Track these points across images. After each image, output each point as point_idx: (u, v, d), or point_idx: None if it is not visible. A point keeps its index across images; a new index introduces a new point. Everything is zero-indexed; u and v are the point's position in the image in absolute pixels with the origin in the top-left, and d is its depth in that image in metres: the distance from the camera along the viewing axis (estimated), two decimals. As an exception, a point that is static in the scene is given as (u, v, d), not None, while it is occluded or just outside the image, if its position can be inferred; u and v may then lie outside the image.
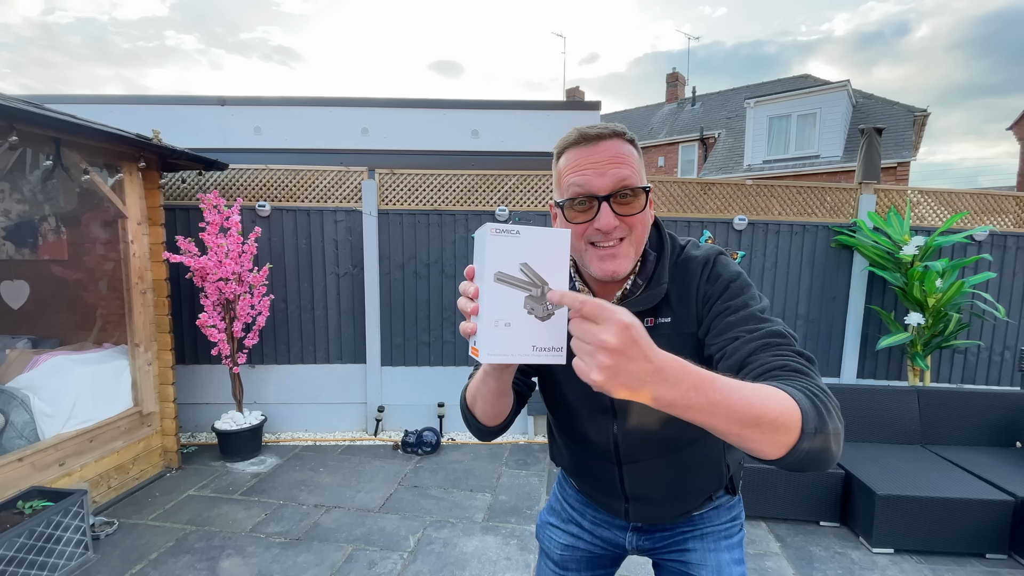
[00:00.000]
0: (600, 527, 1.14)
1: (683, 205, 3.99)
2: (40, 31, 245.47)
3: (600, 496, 1.08)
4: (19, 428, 2.63)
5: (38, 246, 3.63)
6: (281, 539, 2.67)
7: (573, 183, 0.83)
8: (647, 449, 0.96)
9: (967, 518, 2.53)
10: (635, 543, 1.11)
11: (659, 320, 0.88)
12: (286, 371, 4.06)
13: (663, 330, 0.87)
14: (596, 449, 1.00)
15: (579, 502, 1.16)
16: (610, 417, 0.95)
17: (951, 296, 3.54)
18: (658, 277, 0.88)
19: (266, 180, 3.91)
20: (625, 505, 1.04)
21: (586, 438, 1.00)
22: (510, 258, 0.63)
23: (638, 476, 0.99)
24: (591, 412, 0.97)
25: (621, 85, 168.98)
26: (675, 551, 1.08)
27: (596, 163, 0.82)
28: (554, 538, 1.18)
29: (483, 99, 5.31)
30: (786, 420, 0.60)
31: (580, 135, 0.84)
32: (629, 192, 0.82)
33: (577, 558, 1.16)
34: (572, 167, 0.84)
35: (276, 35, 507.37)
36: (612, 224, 0.81)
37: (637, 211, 0.83)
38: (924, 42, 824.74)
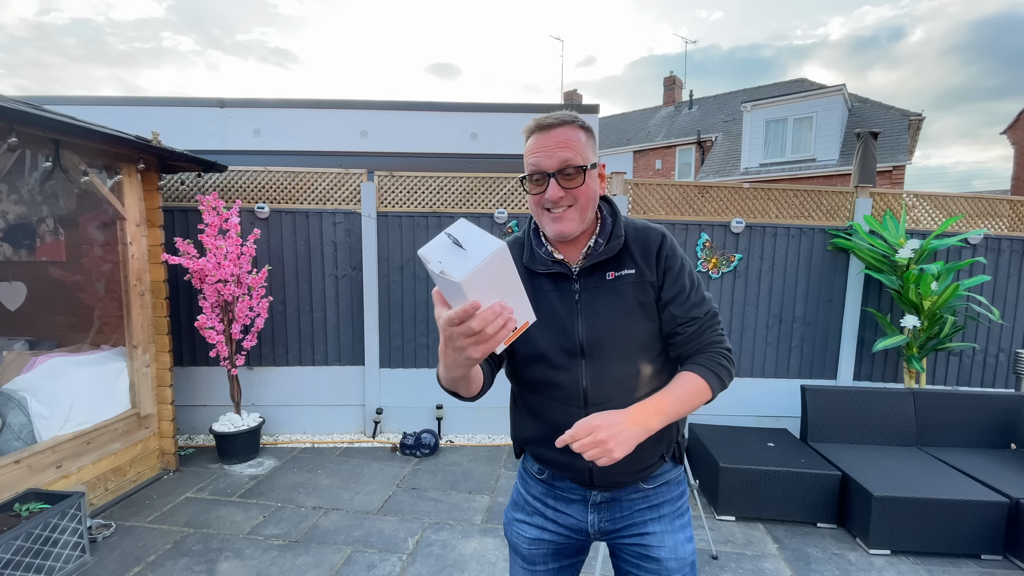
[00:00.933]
0: (563, 515, 1.18)
1: (680, 208, 4.01)
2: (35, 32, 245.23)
3: (566, 458, 1.09)
4: (16, 430, 2.62)
5: (36, 247, 3.62)
6: (279, 541, 2.66)
7: (530, 163, 1.04)
8: (611, 390, 1.07)
9: (963, 519, 2.55)
10: (597, 524, 1.17)
11: (622, 272, 1.08)
12: (284, 373, 4.06)
13: (628, 279, 1.08)
14: (565, 395, 1.09)
15: (541, 493, 1.21)
16: (579, 360, 1.08)
17: (946, 299, 3.57)
18: (616, 232, 1.09)
19: (265, 182, 3.92)
20: (589, 465, 1.09)
21: (557, 385, 1.09)
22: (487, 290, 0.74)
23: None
24: (563, 358, 1.08)
25: (618, 88, 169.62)
26: (635, 534, 1.16)
27: (546, 147, 1.02)
28: (521, 533, 1.22)
29: (482, 102, 5.33)
30: (705, 396, 1.06)
31: (537, 124, 1.04)
32: (572, 170, 1.01)
33: (544, 552, 1.21)
34: (530, 150, 1.04)
35: (273, 37, 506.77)
36: (558, 195, 1.01)
37: (579, 184, 1.02)
38: (919, 46, 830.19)
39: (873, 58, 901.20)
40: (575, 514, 1.17)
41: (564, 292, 1.09)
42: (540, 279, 1.10)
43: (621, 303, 1.07)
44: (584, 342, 1.07)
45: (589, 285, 1.08)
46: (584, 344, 1.07)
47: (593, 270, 1.08)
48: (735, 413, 4.09)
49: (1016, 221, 4.03)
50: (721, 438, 3.28)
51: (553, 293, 1.09)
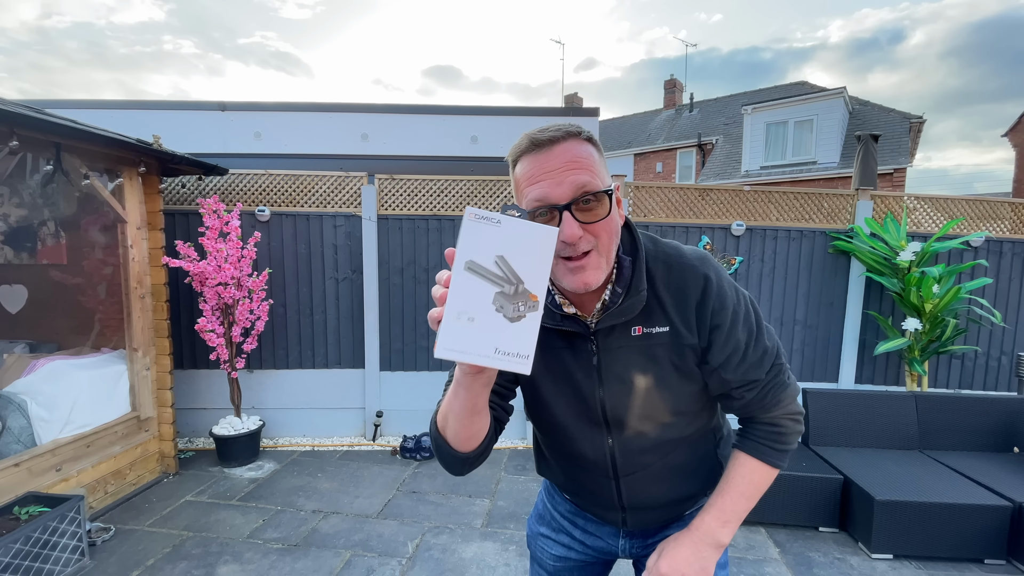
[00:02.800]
0: (592, 536, 1.11)
1: (681, 211, 4.00)
2: (37, 35, 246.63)
3: (596, 509, 1.05)
4: (16, 433, 2.61)
5: (37, 250, 3.63)
6: (279, 545, 2.65)
7: (531, 197, 0.77)
8: (644, 459, 0.93)
9: (965, 523, 2.53)
10: (629, 550, 1.09)
11: (653, 329, 0.84)
12: (284, 376, 4.06)
13: (659, 339, 0.85)
14: (591, 465, 0.96)
15: (569, 512, 1.13)
16: (604, 432, 0.91)
17: (948, 302, 3.56)
18: (636, 284, 0.83)
19: (266, 185, 3.92)
20: (623, 515, 1.02)
21: (580, 455, 0.96)
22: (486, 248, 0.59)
23: (636, 487, 0.97)
24: (584, 429, 0.92)
25: (617, 91, 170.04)
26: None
27: (552, 171, 0.75)
28: (546, 549, 1.15)
29: (482, 105, 5.35)
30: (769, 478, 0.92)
31: (531, 141, 0.78)
32: (591, 197, 0.75)
33: (570, 567, 1.15)
34: (528, 177, 0.78)
35: (274, 41, 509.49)
36: (576, 235, 0.75)
37: (601, 217, 0.76)
38: (919, 49, 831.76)
39: (873, 61, 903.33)
40: (605, 537, 1.10)
41: (579, 352, 0.87)
42: (551, 335, 0.87)
43: (652, 367, 0.86)
44: (608, 412, 0.89)
45: (610, 345, 0.86)
46: (608, 415, 0.89)
47: (614, 326, 0.85)
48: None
49: (1018, 224, 4.02)
50: (722, 441, 3.26)
51: (567, 351, 0.88)
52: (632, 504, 0.99)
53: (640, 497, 0.98)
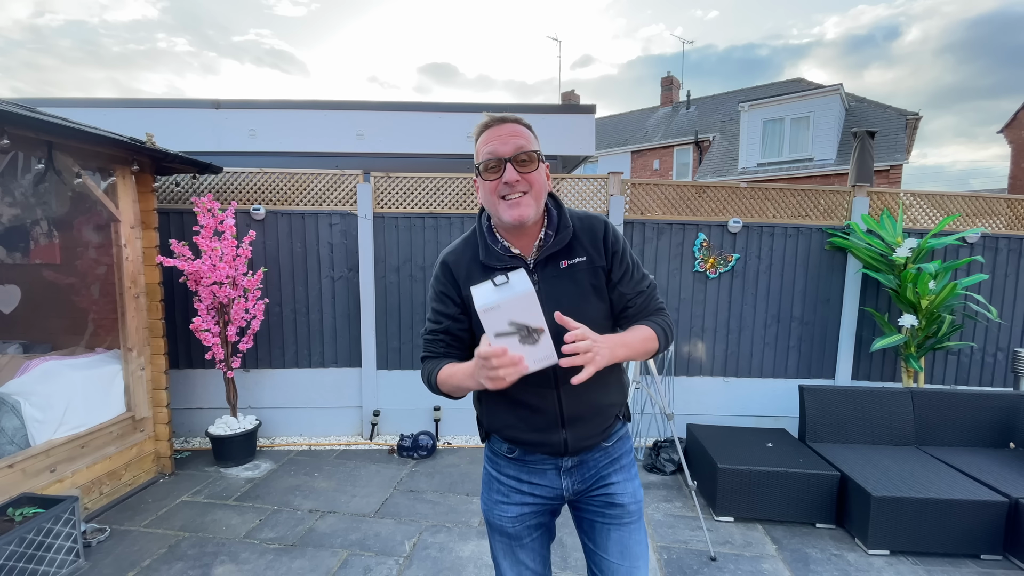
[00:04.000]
0: (539, 486, 1.28)
1: (678, 208, 4.00)
2: (30, 34, 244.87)
3: (540, 435, 1.22)
4: (10, 434, 2.60)
5: (30, 250, 3.60)
6: (275, 545, 2.65)
7: (485, 151, 1.13)
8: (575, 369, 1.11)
9: (962, 519, 2.54)
10: (571, 488, 1.28)
11: (574, 260, 1.18)
12: (281, 375, 4.04)
13: (580, 267, 1.19)
14: (537, 378, 1.11)
15: (514, 471, 1.29)
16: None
17: (944, 298, 3.57)
18: (564, 223, 1.20)
19: (261, 183, 3.90)
20: (563, 434, 1.21)
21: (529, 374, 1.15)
22: (500, 322, 0.95)
23: (572, 395, 1.18)
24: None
25: (614, 88, 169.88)
26: (602, 486, 1.28)
27: (500, 136, 1.12)
28: (503, 514, 1.30)
29: (478, 103, 5.32)
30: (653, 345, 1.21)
31: (491, 119, 1.15)
32: (525, 156, 1.11)
33: (527, 525, 1.31)
34: (484, 141, 1.14)
35: (268, 38, 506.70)
36: (515, 178, 1.10)
37: (532, 170, 1.13)
38: (914, 45, 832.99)
39: (869, 57, 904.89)
40: (549, 483, 1.27)
41: None
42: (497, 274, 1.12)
43: (577, 289, 1.19)
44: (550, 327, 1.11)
45: (547, 275, 1.18)
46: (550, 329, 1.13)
47: (548, 261, 1.18)
48: (733, 413, 4.09)
49: (1013, 220, 4.03)
50: (719, 439, 3.27)
51: None
52: (570, 415, 1.20)
53: (575, 407, 1.20)
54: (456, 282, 1.22)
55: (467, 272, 1.21)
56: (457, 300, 1.23)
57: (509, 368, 0.95)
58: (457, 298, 1.23)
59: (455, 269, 1.23)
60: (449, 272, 1.23)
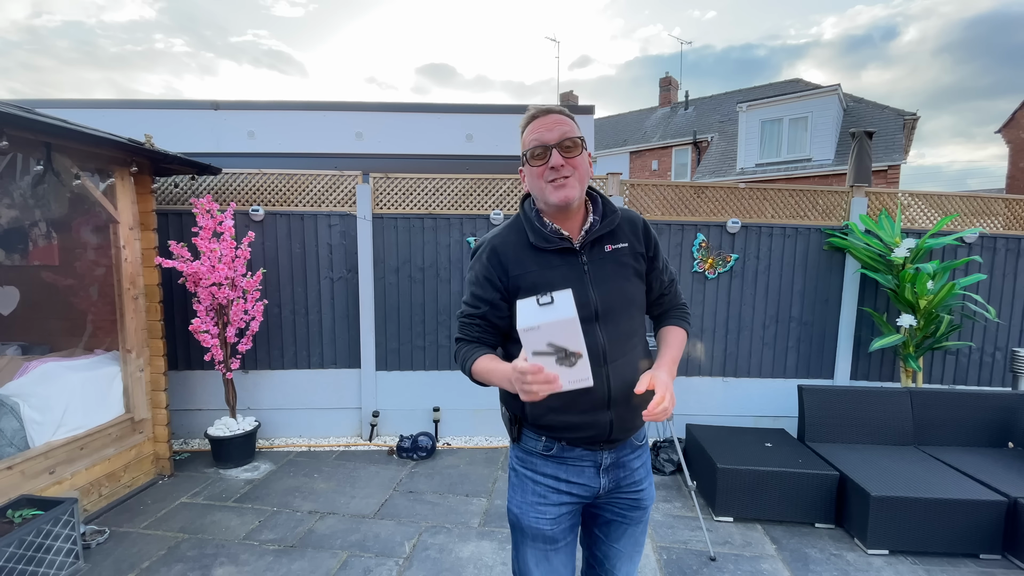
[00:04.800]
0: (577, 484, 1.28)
1: (677, 209, 4.00)
2: (27, 35, 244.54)
3: (588, 416, 1.22)
4: (8, 436, 2.59)
5: (28, 251, 3.59)
6: (275, 546, 2.64)
7: (532, 139, 1.19)
8: (622, 347, 1.23)
9: (961, 519, 2.54)
10: (608, 485, 1.29)
11: (618, 245, 1.26)
12: (280, 376, 4.04)
13: (622, 251, 1.26)
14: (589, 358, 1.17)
15: (552, 470, 1.28)
16: (596, 325, 1.20)
17: (942, 298, 3.57)
18: (611, 209, 1.28)
19: (260, 184, 3.90)
20: (610, 414, 1.22)
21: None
22: (540, 342, 0.97)
23: (619, 374, 1.22)
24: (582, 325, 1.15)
25: (612, 88, 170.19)
26: (633, 486, 1.32)
27: (546, 124, 1.18)
28: (543, 516, 1.27)
29: (477, 103, 5.33)
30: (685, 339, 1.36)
31: (537, 110, 1.22)
32: (570, 141, 1.17)
33: (565, 526, 1.30)
34: (531, 130, 1.20)
35: (266, 39, 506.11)
36: (560, 162, 1.16)
37: (577, 155, 1.19)
38: (912, 46, 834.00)
39: (867, 58, 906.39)
40: (588, 481, 1.27)
41: (572, 265, 1.23)
42: (548, 256, 1.23)
43: (622, 271, 1.25)
44: (599, 306, 1.21)
45: (593, 257, 1.24)
46: (599, 308, 1.21)
47: (593, 244, 1.24)
48: (732, 414, 4.09)
49: (1011, 219, 4.04)
50: (718, 439, 3.27)
51: (563, 267, 1.22)
52: (616, 395, 1.22)
53: (620, 384, 1.22)
54: (503, 266, 1.23)
55: (515, 255, 1.23)
56: (500, 286, 1.23)
57: (543, 385, 0.98)
58: (500, 284, 1.23)
59: (503, 253, 1.24)
60: (496, 256, 1.24)
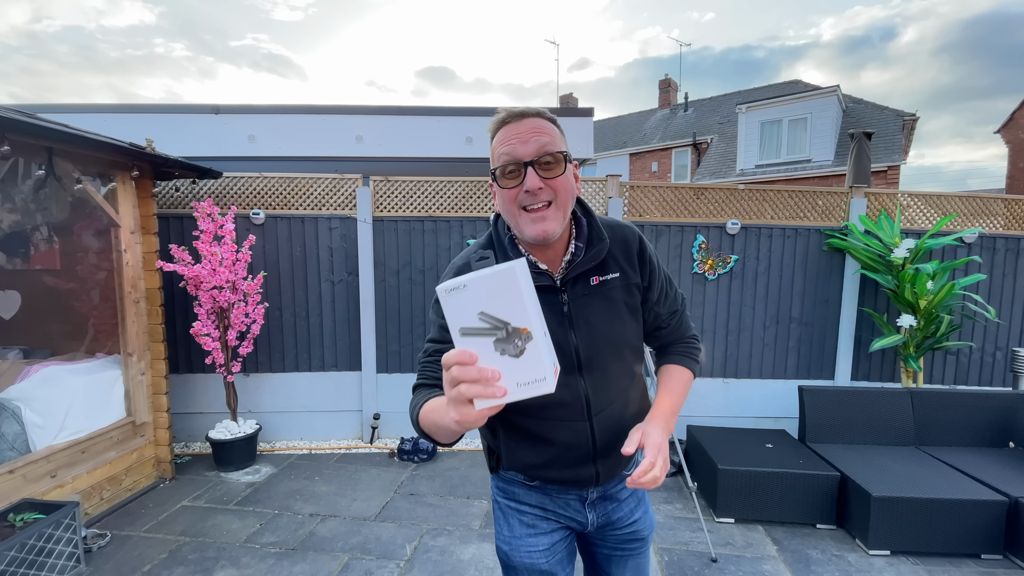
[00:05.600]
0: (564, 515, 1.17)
1: (676, 210, 4.01)
2: (27, 40, 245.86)
3: (570, 472, 1.09)
4: (10, 439, 2.60)
5: (30, 256, 3.60)
6: (276, 549, 2.65)
7: (502, 152, 0.94)
8: (608, 396, 1.07)
9: (962, 519, 2.54)
10: (596, 521, 1.17)
11: (606, 276, 1.04)
12: (281, 379, 4.04)
13: (613, 283, 1.05)
14: (568, 412, 1.04)
15: (536, 497, 1.15)
16: (578, 375, 1.03)
17: (942, 298, 3.58)
18: (598, 235, 1.03)
19: (260, 188, 3.91)
20: (594, 468, 1.09)
21: (559, 404, 1.02)
22: (466, 312, 0.62)
23: (605, 426, 1.07)
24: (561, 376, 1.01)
25: (611, 90, 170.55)
26: (628, 524, 1.19)
27: (520, 134, 0.93)
28: (535, 548, 1.14)
29: (476, 106, 5.34)
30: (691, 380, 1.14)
31: (508, 114, 0.96)
32: (550, 157, 0.92)
33: (561, 556, 1.17)
34: (501, 141, 0.95)
35: (266, 43, 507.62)
36: (537, 185, 0.91)
37: (559, 174, 0.93)
38: (911, 46, 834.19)
39: (865, 58, 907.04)
40: (575, 515, 1.17)
41: (551, 304, 1.00)
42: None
43: (610, 307, 1.04)
44: (580, 354, 1.02)
45: (576, 294, 1.02)
46: (581, 356, 1.02)
47: (578, 277, 1.03)
48: (733, 415, 4.09)
49: (1011, 220, 4.04)
50: (719, 440, 3.27)
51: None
52: (602, 446, 1.07)
53: (607, 437, 1.07)
54: None
55: None
56: None
57: (476, 385, 0.62)
58: None
59: None
60: None
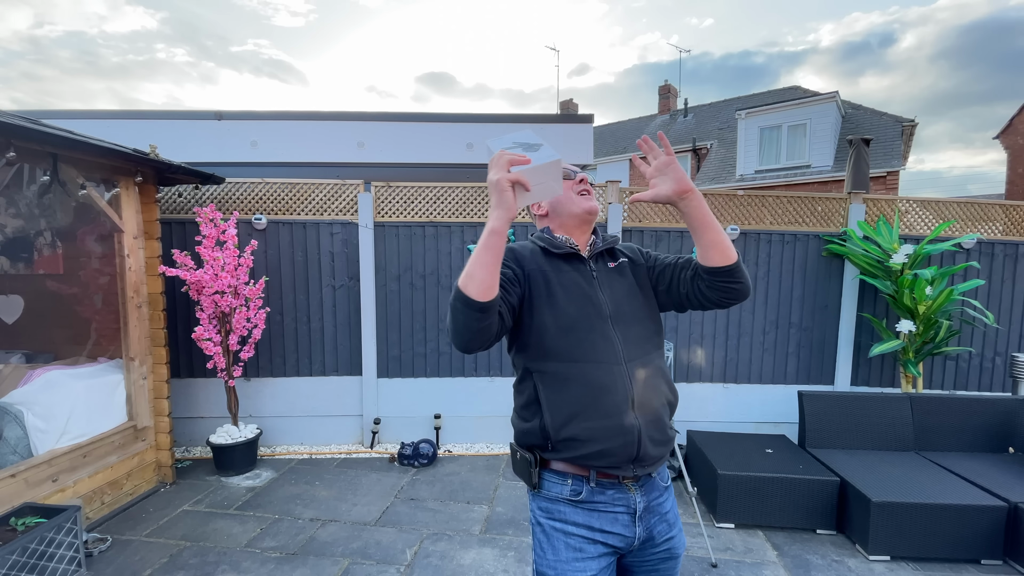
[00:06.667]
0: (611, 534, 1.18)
1: (676, 216, 4.03)
2: (29, 45, 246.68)
3: (613, 420, 1.14)
4: (12, 444, 2.61)
5: (33, 260, 3.63)
6: (276, 554, 2.65)
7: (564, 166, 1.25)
8: (637, 348, 1.24)
9: (962, 524, 2.54)
10: (642, 535, 1.21)
11: (619, 261, 1.35)
12: (282, 384, 4.05)
13: (624, 266, 1.35)
14: (604, 355, 1.19)
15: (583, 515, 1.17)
16: (609, 324, 1.23)
17: (941, 303, 3.59)
18: (610, 236, 1.40)
19: (262, 193, 3.94)
20: (635, 418, 1.16)
21: (594, 347, 1.20)
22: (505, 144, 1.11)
23: (637, 376, 1.20)
24: (596, 323, 1.22)
25: (611, 96, 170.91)
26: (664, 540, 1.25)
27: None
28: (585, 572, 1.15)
29: (477, 112, 5.39)
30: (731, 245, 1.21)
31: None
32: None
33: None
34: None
35: (267, 48, 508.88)
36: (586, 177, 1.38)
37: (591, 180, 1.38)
38: (909, 52, 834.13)
39: (864, 64, 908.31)
40: (623, 531, 1.18)
41: (582, 271, 1.29)
42: (559, 261, 1.29)
43: (626, 281, 1.33)
44: (609, 307, 1.25)
45: (600, 267, 1.32)
46: (610, 309, 1.25)
47: (598, 258, 1.33)
48: (733, 420, 4.09)
49: (1010, 225, 4.06)
50: (719, 445, 3.28)
51: (573, 272, 1.28)
52: (639, 398, 1.18)
53: (641, 389, 1.19)
54: (518, 261, 1.27)
55: (530, 255, 1.29)
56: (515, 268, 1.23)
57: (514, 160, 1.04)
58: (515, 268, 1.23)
59: (518, 252, 1.30)
60: (512, 252, 1.29)
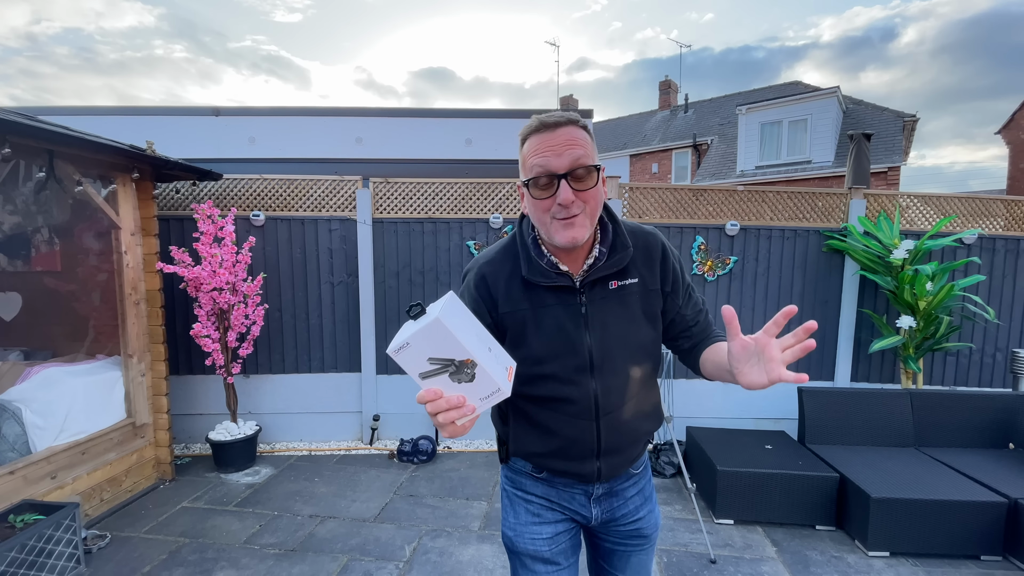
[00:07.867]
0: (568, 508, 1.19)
1: (676, 211, 4.01)
2: (27, 42, 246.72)
3: (572, 464, 1.11)
4: (11, 440, 2.60)
5: (31, 257, 3.62)
6: (276, 550, 2.65)
7: (535, 164, 0.96)
8: (618, 399, 1.08)
9: (961, 520, 2.54)
10: (600, 516, 1.19)
11: (626, 281, 1.06)
12: (280, 381, 4.05)
13: (631, 289, 1.07)
14: (577, 410, 1.07)
15: (542, 488, 1.18)
16: (590, 376, 1.06)
17: (941, 299, 3.58)
18: (622, 243, 1.06)
19: (260, 190, 3.92)
20: (597, 464, 1.10)
21: (567, 400, 1.07)
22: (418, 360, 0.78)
23: (612, 427, 1.09)
24: (573, 375, 1.06)
25: (611, 91, 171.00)
26: (631, 520, 1.20)
27: (554, 146, 0.94)
28: (538, 536, 1.17)
29: (477, 108, 5.37)
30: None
31: (540, 123, 0.97)
32: (583, 170, 0.95)
33: (565, 546, 1.19)
34: (534, 151, 0.97)
35: (265, 44, 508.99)
36: (570, 198, 0.94)
37: (591, 186, 0.97)
38: (911, 47, 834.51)
39: (865, 59, 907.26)
40: (579, 509, 1.18)
41: (569, 305, 1.05)
42: (541, 292, 1.04)
43: (626, 312, 1.07)
44: (594, 356, 1.05)
45: (594, 296, 1.05)
46: (594, 358, 1.05)
47: (596, 281, 1.05)
48: (733, 416, 4.09)
49: (1011, 221, 4.04)
50: (719, 441, 3.27)
51: (558, 307, 1.05)
52: (607, 447, 1.10)
53: (613, 439, 1.10)
54: (493, 298, 1.06)
55: (506, 287, 1.06)
56: (489, 320, 1.06)
57: (454, 412, 0.77)
58: (491, 318, 1.06)
59: (492, 284, 1.06)
60: (485, 285, 1.06)
